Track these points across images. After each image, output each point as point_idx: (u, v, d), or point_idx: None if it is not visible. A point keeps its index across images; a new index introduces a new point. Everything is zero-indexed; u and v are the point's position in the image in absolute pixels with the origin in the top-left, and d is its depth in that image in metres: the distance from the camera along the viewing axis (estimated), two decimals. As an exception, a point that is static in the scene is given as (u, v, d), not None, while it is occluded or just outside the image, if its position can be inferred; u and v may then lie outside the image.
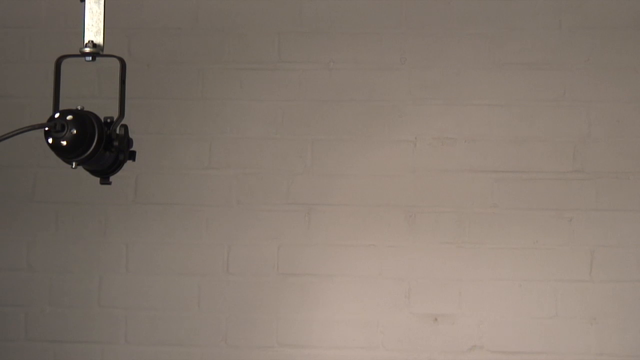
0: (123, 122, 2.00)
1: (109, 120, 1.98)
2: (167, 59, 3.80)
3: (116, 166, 2.04)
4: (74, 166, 1.96)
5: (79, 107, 1.95)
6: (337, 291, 3.69)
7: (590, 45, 3.66)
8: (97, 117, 1.95)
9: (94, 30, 2.03)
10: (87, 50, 2.03)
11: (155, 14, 3.82)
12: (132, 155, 2.05)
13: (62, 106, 1.97)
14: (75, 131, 1.89)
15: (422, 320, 3.66)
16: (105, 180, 2.08)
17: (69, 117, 1.90)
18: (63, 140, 1.89)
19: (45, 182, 3.78)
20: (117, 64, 2.01)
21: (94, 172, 2.06)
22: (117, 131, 1.98)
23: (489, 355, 3.63)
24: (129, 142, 2.03)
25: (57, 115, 1.91)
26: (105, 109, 2.04)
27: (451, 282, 3.65)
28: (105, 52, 2.04)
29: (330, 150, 3.72)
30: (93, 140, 1.92)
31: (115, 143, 1.98)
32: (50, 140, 1.90)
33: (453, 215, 3.66)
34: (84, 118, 1.92)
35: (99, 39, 2.03)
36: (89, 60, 2.04)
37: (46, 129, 1.90)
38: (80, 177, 2.20)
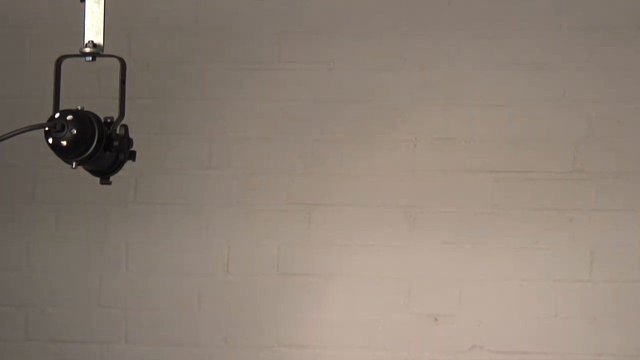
0: (123, 122, 2.00)
1: (109, 120, 1.97)
2: (167, 59, 3.80)
3: (116, 166, 2.03)
4: (74, 166, 1.95)
5: (79, 107, 1.95)
6: (337, 291, 3.69)
7: (590, 45, 3.66)
8: (97, 117, 1.95)
9: (94, 30, 2.03)
10: (87, 50, 2.03)
11: (155, 14, 3.82)
12: (132, 155, 2.04)
13: (62, 106, 1.97)
14: (75, 131, 1.89)
15: (422, 320, 3.66)
16: (105, 180, 2.07)
17: (69, 117, 1.90)
18: (63, 140, 1.89)
19: (45, 182, 3.78)
20: (117, 64, 2.01)
21: (94, 172, 2.06)
22: (117, 131, 1.98)
23: (489, 355, 3.63)
24: (129, 142, 2.03)
25: (57, 115, 1.91)
26: (105, 109, 2.04)
27: (451, 282, 3.65)
28: (105, 52, 2.04)
29: (330, 150, 3.72)
30: (93, 140, 1.92)
31: (115, 143, 1.97)
32: (50, 140, 1.90)
33: (453, 215, 3.66)
34: (84, 118, 1.92)
35: (99, 39, 2.03)
36: (89, 60, 2.04)
37: (46, 129, 1.90)
38: (80, 177, 2.20)
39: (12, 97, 3.82)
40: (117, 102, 1.99)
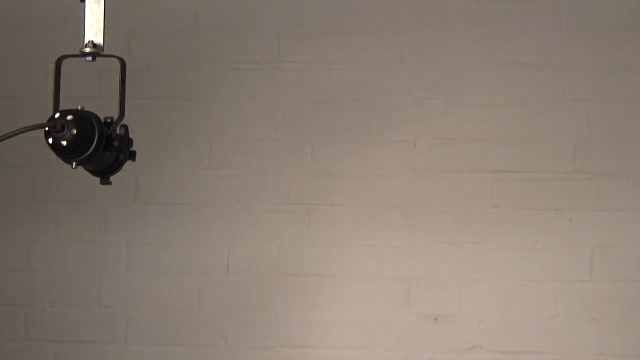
0: (123, 122, 2.00)
1: (109, 120, 1.97)
2: (167, 59, 3.80)
3: (116, 166, 2.03)
4: (74, 166, 1.95)
5: (79, 107, 1.95)
6: (337, 291, 3.69)
7: (590, 45, 3.66)
8: (97, 117, 1.95)
9: (94, 30, 2.03)
10: (87, 50, 2.03)
11: (155, 14, 3.82)
12: (132, 155, 2.05)
13: (62, 106, 1.97)
14: (75, 131, 1.89)
15: (422, 320, 3.66)
16: (105, 180, 2.07)
17: (69, 117, 1.90)
18: (63, 140, 1.89)
19: (45, 182, 3.78)
20: (117, 64, 2.01)
21: (94, 172, 2.06)
22: (117, 131, 1.98)
23: (489, 355, 3.63)
24: (129, 142, 2.03)
25: (57, 115, 1.91)
26: (105, 109, 2.04)
27: (451, 282, 3.65)
28: (105, 52, 2.04)
29: (330, 150, 3.72)
30: (93, 140, 1.92)
31: (115, 143, 1.97)
32: (50, 140, 1.90)
33: (453, 215, 3.66)
34: (84, 118, 1.92)
35: (99, 39, 2.03)
36: (89, 60, 2.04)
37: (46, 129, 1.90)
38: (80, 177, 2.20)
39: (12, 97, 3.82)
40: (117, 102, 1.99)
